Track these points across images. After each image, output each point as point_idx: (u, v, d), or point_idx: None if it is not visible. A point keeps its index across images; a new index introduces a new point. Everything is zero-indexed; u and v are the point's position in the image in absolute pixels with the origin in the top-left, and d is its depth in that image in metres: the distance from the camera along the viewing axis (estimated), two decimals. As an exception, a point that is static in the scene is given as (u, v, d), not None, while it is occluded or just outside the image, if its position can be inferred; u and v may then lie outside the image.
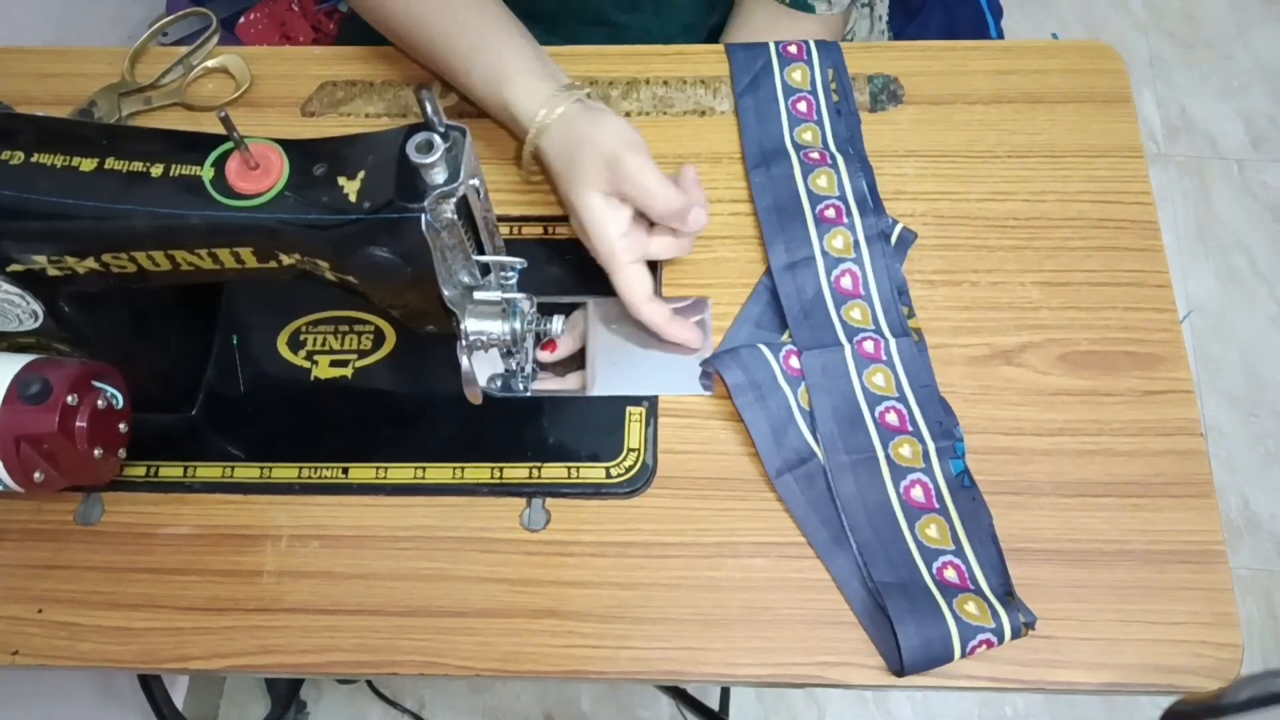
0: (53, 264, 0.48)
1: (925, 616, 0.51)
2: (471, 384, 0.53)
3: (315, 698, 1.24)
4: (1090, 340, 0.61)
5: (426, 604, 0.55)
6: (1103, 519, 0.56)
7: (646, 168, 0.56)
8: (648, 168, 0.56)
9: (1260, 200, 1.52)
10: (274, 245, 0.48)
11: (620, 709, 1.24)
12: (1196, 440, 0.58)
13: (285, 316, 0.63)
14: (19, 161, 0.46)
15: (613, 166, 0.56)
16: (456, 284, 0.50)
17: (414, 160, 0.43)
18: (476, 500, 0.58)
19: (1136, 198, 0.65)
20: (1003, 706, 1.23)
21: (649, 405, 0.59)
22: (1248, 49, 1.63)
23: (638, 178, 0.56)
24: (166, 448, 0.59)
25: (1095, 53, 0.70)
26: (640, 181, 0.56)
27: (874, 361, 0.59)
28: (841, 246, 0.62)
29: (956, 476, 0.56)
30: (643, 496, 0.57)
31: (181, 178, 0.46)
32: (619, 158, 0.56)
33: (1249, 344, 1.42)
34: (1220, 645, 0.53)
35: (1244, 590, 1.27)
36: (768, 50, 0.70)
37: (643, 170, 0.56)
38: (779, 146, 0.66)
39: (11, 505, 0.58)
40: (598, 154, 0.57)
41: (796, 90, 0.68)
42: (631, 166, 0.56)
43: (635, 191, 0.57)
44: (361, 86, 0.70)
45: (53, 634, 0.55)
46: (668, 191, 0.56)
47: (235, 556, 0.57)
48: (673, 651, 0.54)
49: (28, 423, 0.48)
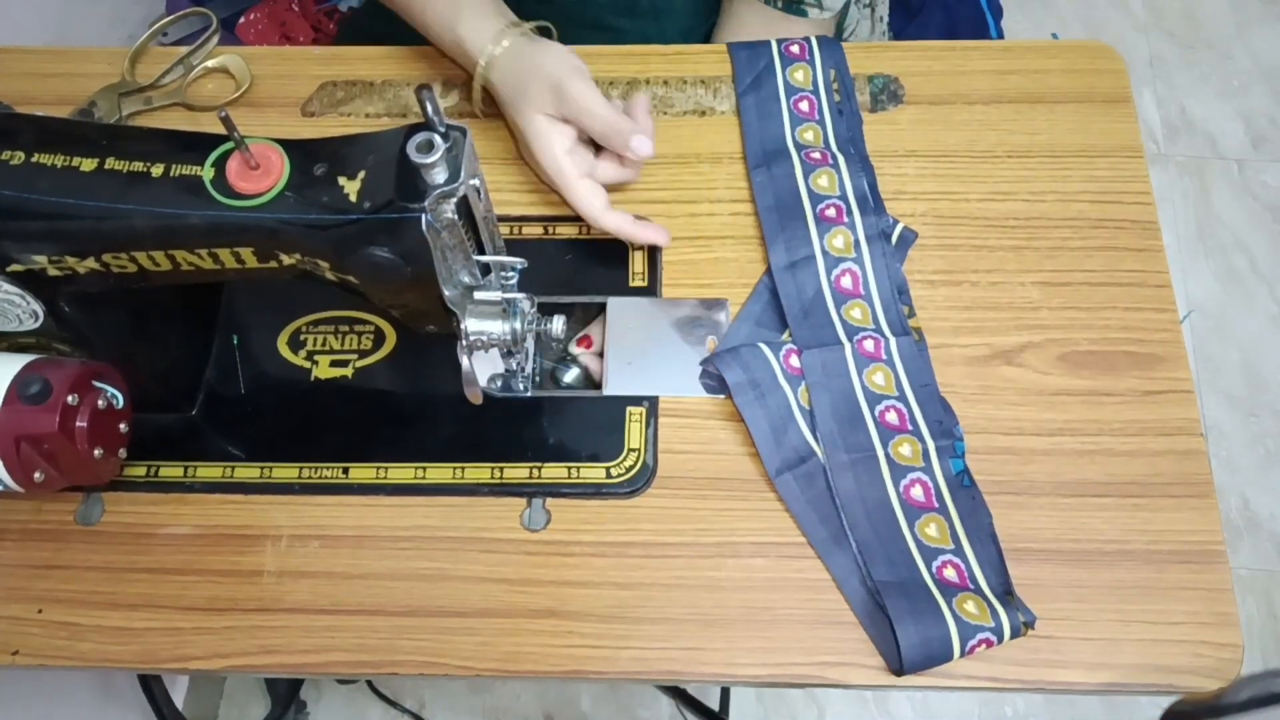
0: (53, 264, 0.48)
1: (924, 616, 0.51)
2: (472, 384, 0.53)
3: (315, 698, 1.24)
4: (1090, 340, 0.61)
5: (426, 604, 0.55)
6: (1103, 519, 0.56)
7: (587, 90, 0.60)
8: (589, 90, 0.60)
9: (1260, 200, 1.52)
10: (274, 245, 0.48)
11: (620, 709, 1.24)
12: (1196, 440, 0.58)
13: (285, 316, 0.63)
14: (19, 161, 0.46)
15: (556, 90, 0.60)
16: (457, 284, 0.50)
17: (414, 160, 0.43)
18: (477, 500, 0.58)
19: (1136, 198, 0.65)
20: (1003, 706, 1.23)
21: (649, 405, 0.59)
22: (1248, 49, 1.63)
23: (579, 100, 0.60)
24: (167, 448, 0.59)
25: (1095, 53, 0.70)
26: (581, 103, 0.60)
27: (874, 360, 0.59)
28: (842, 246, 0.62)
29: (956, 476, 0.56)
30: (643, 496, 0.57)
31: (182, 178, 0.46)
32: (562, 82, 0.60)
33: (1249, 344, 1.42)
34: (1220, 645, 0.53)
35: (1244, 590, 1.27)
36: (770, 50, 0.70)
37: (584, 93, 0.60)
38: (780, 146, 0.66)
39: (12, 505, 0.58)
40: (543, 79, 0.60)
41: (798, 90, 0.68)
42: (574, 90, 0.59)
43: (577, 113, 0.60)
44: (362, 86, 0.70)
45: (53, 634, 0.55)
46: (608, 112, 0.60)
47: (235, 556, 0.57)
48: (673, 651, 0.54)
49: (28, 423, 0.48)
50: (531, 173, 0.66)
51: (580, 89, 0.60)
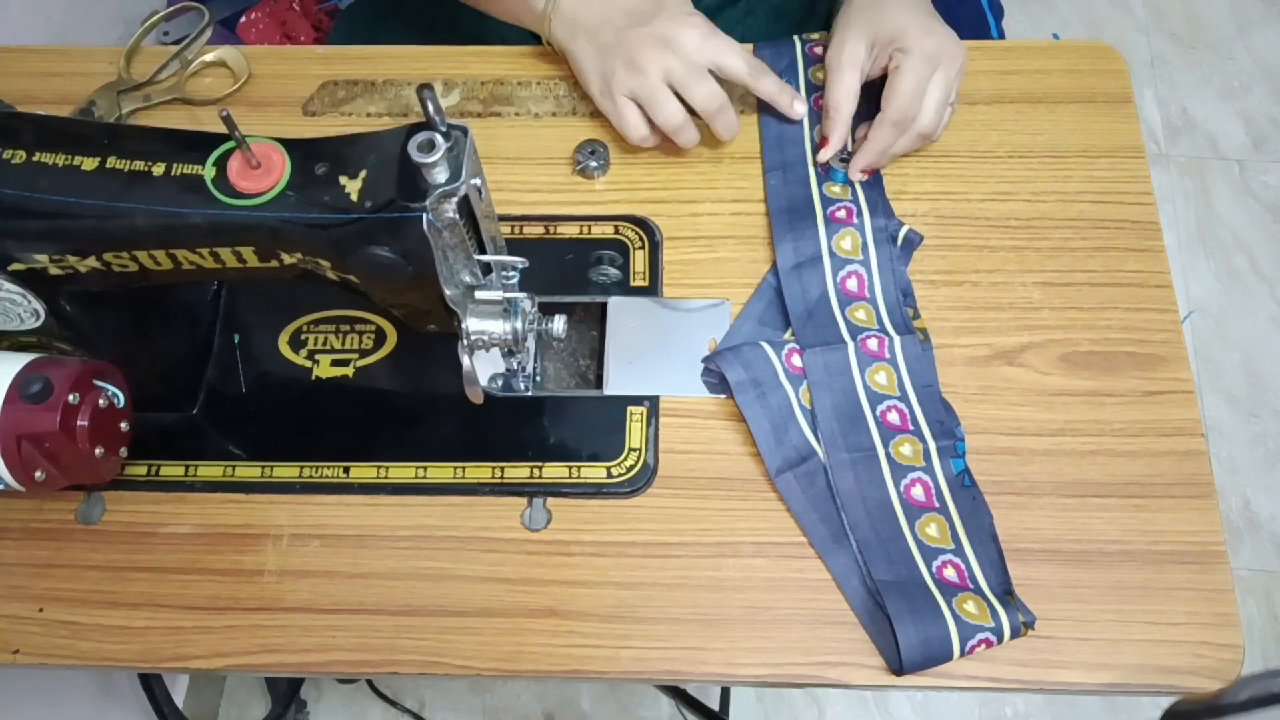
0: (54, 263, 0.48)
1: (924, 615, 0.51)
2: (473, 383, 0.53)
3: (315, 697, 1.24)
4: (1091, 340, 0.61)
5: (427, 603, 0.55)
6: (1103, 519, 0.56)
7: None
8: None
9: (1261, 200, 1.52)
10: (275, 244, 0.48)
11: (620, 709, 1.24)
12: (1197, 441, 0.58)
13: (286, 316, 0.63)
14: (20, 161, 0.46)
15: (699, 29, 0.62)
16: (458, 283, 0.50)
17: (416, 159, 0.43)
18: (477, 500, 0.58)
19: (1137, 198, 0.65)
20: (1003, 706, 1.23)
21: (650, 405, 0.59)
22: (1249, 49, 1.63)
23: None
24: (168, 447, 0.59)
25: (1096, 53, 0.70)
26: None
27: (877, 360, 0.59)
28: (849, 248, 0.62)
29: (957, 476, 0.56)
30: (644, 496, 0.57)
31: (183, 177, 0.46)
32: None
33: (1249, 344, 1.42)
34: (1221, 646, 0.53)
35: (1244, 591, 1.27)
36: (793, 49, 0.70)
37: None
38: (799, 150, 0.66)
39: (12, 504, 0.58)
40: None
41: (820, 89, 0.68)
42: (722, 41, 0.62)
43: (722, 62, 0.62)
44: (363, 86, 0.70)
45: (53, 633, 0.55)
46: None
47: (236, 556, 0.57)
48: (673, 651, 0.54)
49: (29, 422, 0.48)
50: (531, 173, 0.66)
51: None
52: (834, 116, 0.63)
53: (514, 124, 0.69)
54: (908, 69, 0.61)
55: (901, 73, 0.61)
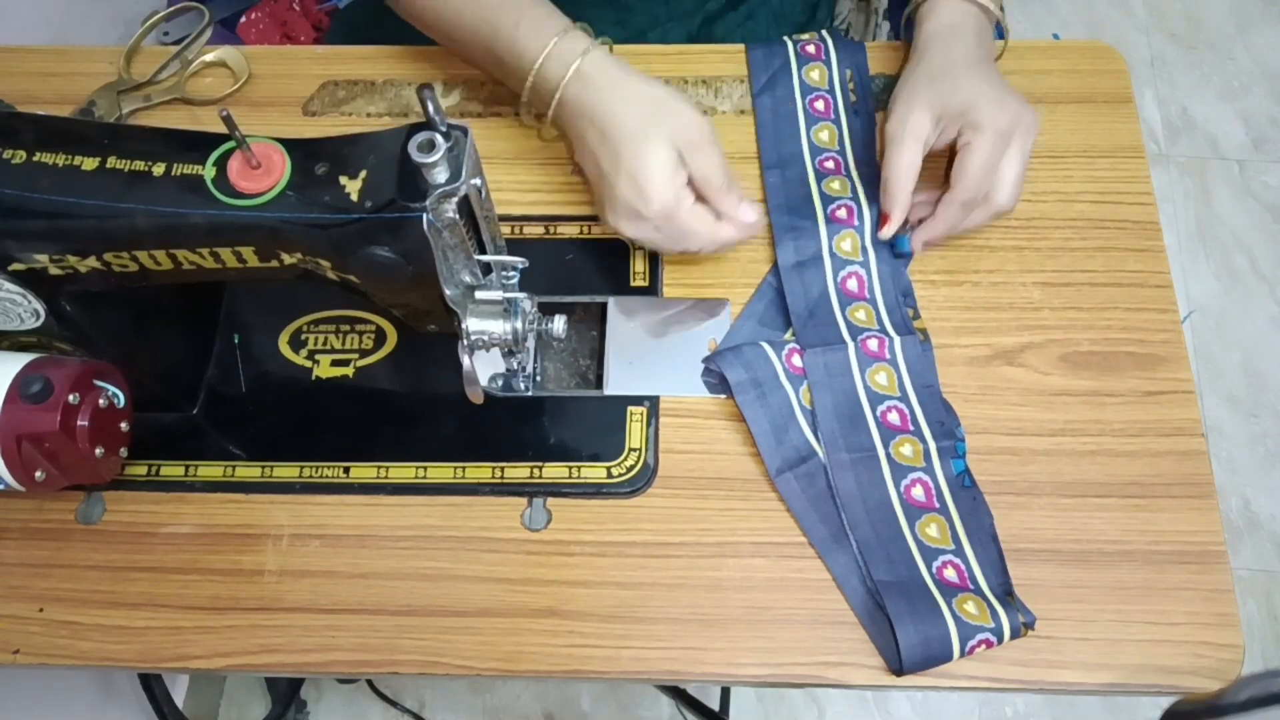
0: (54, 263, 0.48)
1: (924, 616, 0.51)
2: (473, 383, 0.53)
3: (315, 697, 1.24)
4: (1091, 340, 0.61)
5: (427, 603, 0.55)
6: (1103, 519, 0.56)
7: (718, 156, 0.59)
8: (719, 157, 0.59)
9: (1261, 200, 1.52)
10: (276, 244, 0.48)
11: (620, 709, 1.24)
12: (1197, 441, 0.58)
13: (286, 316, 0.63)
14: (21, 160, 0.46)
15: (691, 146, 0.58)
16: (458, 283, 0.50)
17: (416, 160, 0.43)
18: (477, 500, 0.58)
19: (1137, 198, 0.65)
20: (1003, 706, 1.23)
21: (650, 405, 0.59)
22: (1249, 49, 1.63)
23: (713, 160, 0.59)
24: (168, 447, 0.59)
25: (1096, 53, 0.70)
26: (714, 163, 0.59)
27: (877, 360, 0.59)
28: (850, 249, 0.62)
29: (957, 476, 0.56)
30: (644, 496, 0.57)
31: (183, 177, 0.46)
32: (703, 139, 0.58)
33: (1249, 344, 1.42)
34: (1221, 646, 0.53)
35: (1244, 591, 1.27)
36: (786, 49, 0.70)
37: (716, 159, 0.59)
38: (795, 148, 0.66)
39: (13, 504, 0.58)
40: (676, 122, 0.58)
41: (814, 89, 0.68)
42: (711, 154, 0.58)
43: (704, 176, 0.58)
44: (363, 86, 0.70)
45: (54, 633, 0.55)
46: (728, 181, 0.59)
47: (236, 556, 0.57)
48: (673, 651, 0.54)
49: (29, 421, 0.48)
50: (531, 173, 0.66)
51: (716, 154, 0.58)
52: (893, 193, 0.60)
53: (514, 124, 0.69)
54: (979, 147, 0.57)
55: (972, 150, 0.58)
